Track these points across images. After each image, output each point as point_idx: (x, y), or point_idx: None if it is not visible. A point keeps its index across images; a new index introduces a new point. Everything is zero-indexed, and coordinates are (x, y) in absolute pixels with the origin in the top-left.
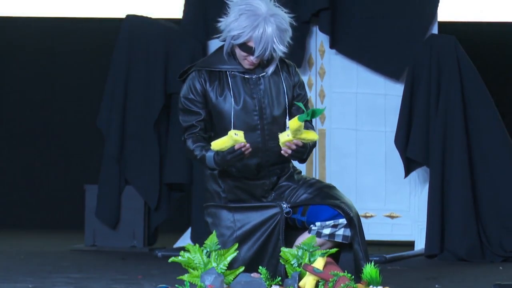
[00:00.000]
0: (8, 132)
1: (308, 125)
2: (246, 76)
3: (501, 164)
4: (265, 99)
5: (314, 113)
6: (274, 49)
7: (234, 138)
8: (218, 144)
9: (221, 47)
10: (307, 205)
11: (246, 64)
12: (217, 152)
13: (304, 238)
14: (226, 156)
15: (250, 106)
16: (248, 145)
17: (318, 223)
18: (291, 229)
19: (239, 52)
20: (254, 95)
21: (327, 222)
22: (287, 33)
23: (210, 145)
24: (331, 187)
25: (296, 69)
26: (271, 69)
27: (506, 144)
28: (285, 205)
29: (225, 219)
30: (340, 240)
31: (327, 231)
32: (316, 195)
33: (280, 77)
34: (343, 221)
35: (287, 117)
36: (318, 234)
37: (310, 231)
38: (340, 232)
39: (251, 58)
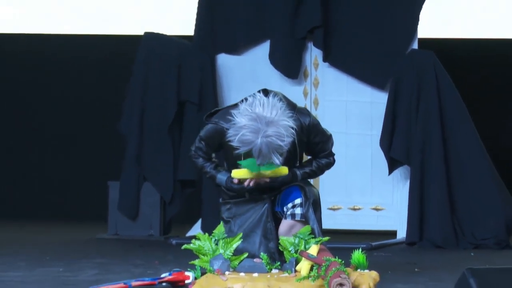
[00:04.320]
0: (44, 136)
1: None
2: None
3: (473, 164)
4: None
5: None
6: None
7: (251, 174)
8: (239, 173)
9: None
10: (278, 195)
11: None
12: (228, 178)
13: (283, 225)
14: (233, 185)
15: None
16: (252, 183)
17: (285, 208)
18: (279, 220)
19: None
20: None
21: (289, 205)
22: (281, 147)
23: (218, 165)
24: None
25: (309, 127)
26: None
27: (478, 147)
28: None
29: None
30: (299, 218)
31: (289, 212)
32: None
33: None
34: (298, 200)
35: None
36: (292, 217)
37: (285, 217)
38: (298, 211)
39: None
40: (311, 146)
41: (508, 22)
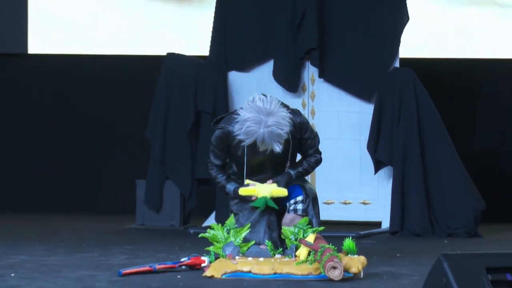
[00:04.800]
0: (84, 141)
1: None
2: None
3: (447, 165)
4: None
5: (264, 203)
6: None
7: (256, 193)
8: (245, 191)
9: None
10: None
11: None
12: (236, 189)
13: (286, 218)
14: (240, 198)
15: (258, 161)
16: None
17: (287, 203)
18: (281, 214)
19: None
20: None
21: (291, 201)
22: (281, 135)
23: (228, 175)
24: (301, 181)
25: (300, 124)
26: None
27: (451, 150)
28: None
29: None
30: (300, 213)
31: (291, 207)
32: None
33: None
34: (300, 197)
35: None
36: (295, 212)
37: (288, 211)
38: (299, 206)
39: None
40: (302, 142)
41: (477, 45)
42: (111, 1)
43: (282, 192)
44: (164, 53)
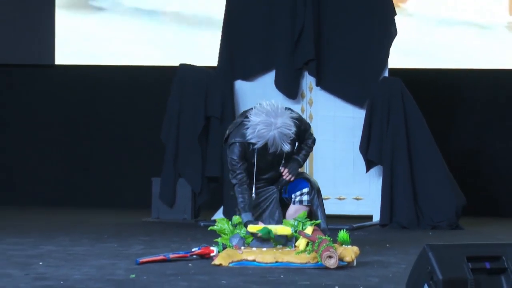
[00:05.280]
0: (103, 142)
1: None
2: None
3: (431, 164)
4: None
5: (267, 233)
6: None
7: (260, 234)
8: (254, 228)
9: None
10: (286, 186)
11: None
12: (247, 223)
13: (291, 209)
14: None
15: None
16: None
17: (293, 195)
18: (285, 206)
19: None
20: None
21: (297, 193)
22: (289, 135)
23: (249, 196)
24: (302, 174)
25: (299, 121)
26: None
27: (435, 151)
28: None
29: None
30: (306, 204)
31: (297, 198)
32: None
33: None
34: (306, 189)
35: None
36: (300, 203)
37: (294, 202)
38: (305, 197)
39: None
40: (301, 134)
41: (459, 55)
42: (129, 18)
43: (286, 230)
44: (178, 64)
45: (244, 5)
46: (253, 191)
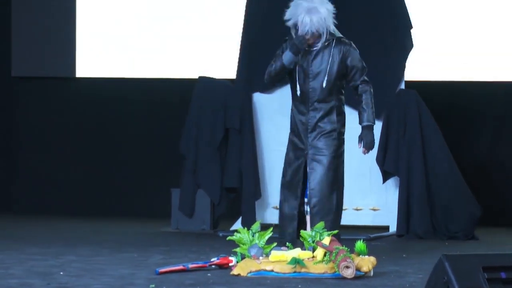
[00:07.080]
0: (124, 153)
1: None
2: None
3: (446, 176)
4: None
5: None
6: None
7: (286, 257)
8: (277, 257)
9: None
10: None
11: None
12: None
13: (309, 222)
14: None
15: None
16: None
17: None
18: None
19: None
20: (308, 56)
21: (306, 199)
22: (322, 19)
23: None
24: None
25: (350, 47)
26: (319, 45)
27: (450, 162)
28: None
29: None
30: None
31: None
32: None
33: (330, 52)
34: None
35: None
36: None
37: (307, 213)
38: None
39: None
40: (347, 70)
41: (472, 68)
42: (149, 30)
43: (308, 254)
44: (197, 76)
45: (263, 18)
46: (297, 89)
